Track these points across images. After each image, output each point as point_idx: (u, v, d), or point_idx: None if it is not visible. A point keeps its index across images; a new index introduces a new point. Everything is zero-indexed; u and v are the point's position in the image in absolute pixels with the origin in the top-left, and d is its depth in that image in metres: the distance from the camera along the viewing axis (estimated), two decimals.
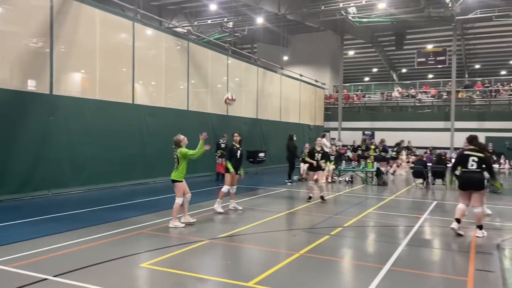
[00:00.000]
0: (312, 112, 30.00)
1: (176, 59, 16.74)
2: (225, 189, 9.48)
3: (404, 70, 42.16)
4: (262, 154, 19.59)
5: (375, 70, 43.09)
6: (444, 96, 31.01)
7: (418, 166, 15.24)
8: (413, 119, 30.09)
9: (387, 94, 33.37)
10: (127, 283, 4.96)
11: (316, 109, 30.80)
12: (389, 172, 19.03)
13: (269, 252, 6.52)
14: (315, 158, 11.39)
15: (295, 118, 27.03)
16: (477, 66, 38.30)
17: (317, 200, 11.26)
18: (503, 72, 37.34)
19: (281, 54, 33.61)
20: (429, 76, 39.32)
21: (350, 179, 16.22)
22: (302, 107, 28.05)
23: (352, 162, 23.33)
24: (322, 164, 11.49)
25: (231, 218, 8.97)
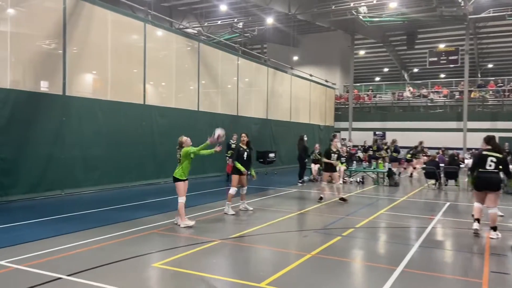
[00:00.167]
0: (323, 112, 29.88)
1: (187, 60, 16.81)
2: (233, 191, 9.41)
3: (416, 70, 41.79)
4: (272, 155, 19.58)
5: (386, 70, 42.78)
6: (457, 96, 30.67)
7: (431, 167, 15.09)
8: (425, 119, 29.82)
9: (399, 94, 33.11)
10: (141, 283, 4.98)
11: (327, 109, 30.69)
12: (406, 175, 18.73)
13: (281, 253, 6.51)
14: (332, 159, 11.40)
15: (305, 119, 26.95)
16: (490, 66, 37.81)
17: (329, 201, 11.21)
18: None
19: (291, 54, 33.59)
20: (441, 76, 38.92)
21: (361, 180, 16.12)
22: (312, 107, 27.95)
23: (363, 163, 23.17)
24: (337, 165, 11.49)
25: (242, 219, 8.96)
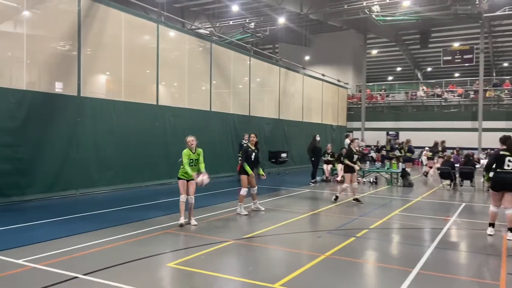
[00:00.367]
0: (335, 112, 29.72)
1: (199, 60, 16.87)
2: (244, 192, 9.42)
3: (429, 69, 41.35)
4: (284, 155, 19.55)
5: (399, 69, 42.40)
6: (471, 95, 30.25)
7: (445, 167, 14.89)
8: (439, 119, 29.46)
9: (412, 94, 32.76)
10: (156, 283, 5.01)
11: (339, 109, 30.50)
12: (429, 174, 18.49)
13: (294, 254, 6.49)
14: (354, 160, 11.32)
15: (318, 119, 26.84)
16: (505, 64, 37.24)
17: (342, 201, 11.14)
18: None
19: (303, 54, 33.50)
20: (456, 75, 38.43)
21: (375, 180, 15.99)
22: (325, 107, 27.82)
23: (376, 163, 22.98)
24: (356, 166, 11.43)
25: (255, 219, 8.95)
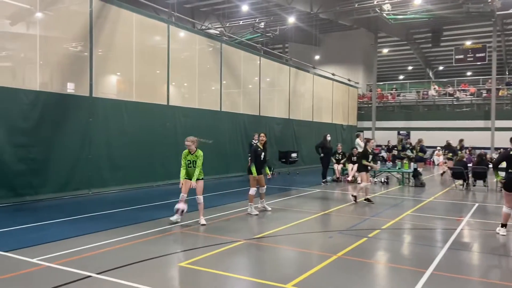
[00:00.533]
0: (345, 112, 29.56)
1: (209, 60, 16.90)
2: (253, 192, 9.40)
3: (441, 68, 40.93)
4: (295, 155, 19.49)
5: (410, 68, 42.05)
6: (484, 94, 29.86)
7: (458, 167, 14.72)
8: (451, 118, 29.16)
9: (423, 93, 32.45)
10: (168, 282, 5.03)
11: (349, 109, 30.33)
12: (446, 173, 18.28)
13: (306, 254, 6.46)
14: (369, 160, 11.26)
15: (328, 118, 26.72)
16: None
17: (353, 202, 11.07)
18: None
19: (313, 54, 33.38)
20: (468, 74, 37.97)
21: (386, 180, 15.87)
22: (335, 107, 27.69)
23: (387, 163, 22.79)
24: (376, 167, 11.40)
25: (266, 219, 8.94)
